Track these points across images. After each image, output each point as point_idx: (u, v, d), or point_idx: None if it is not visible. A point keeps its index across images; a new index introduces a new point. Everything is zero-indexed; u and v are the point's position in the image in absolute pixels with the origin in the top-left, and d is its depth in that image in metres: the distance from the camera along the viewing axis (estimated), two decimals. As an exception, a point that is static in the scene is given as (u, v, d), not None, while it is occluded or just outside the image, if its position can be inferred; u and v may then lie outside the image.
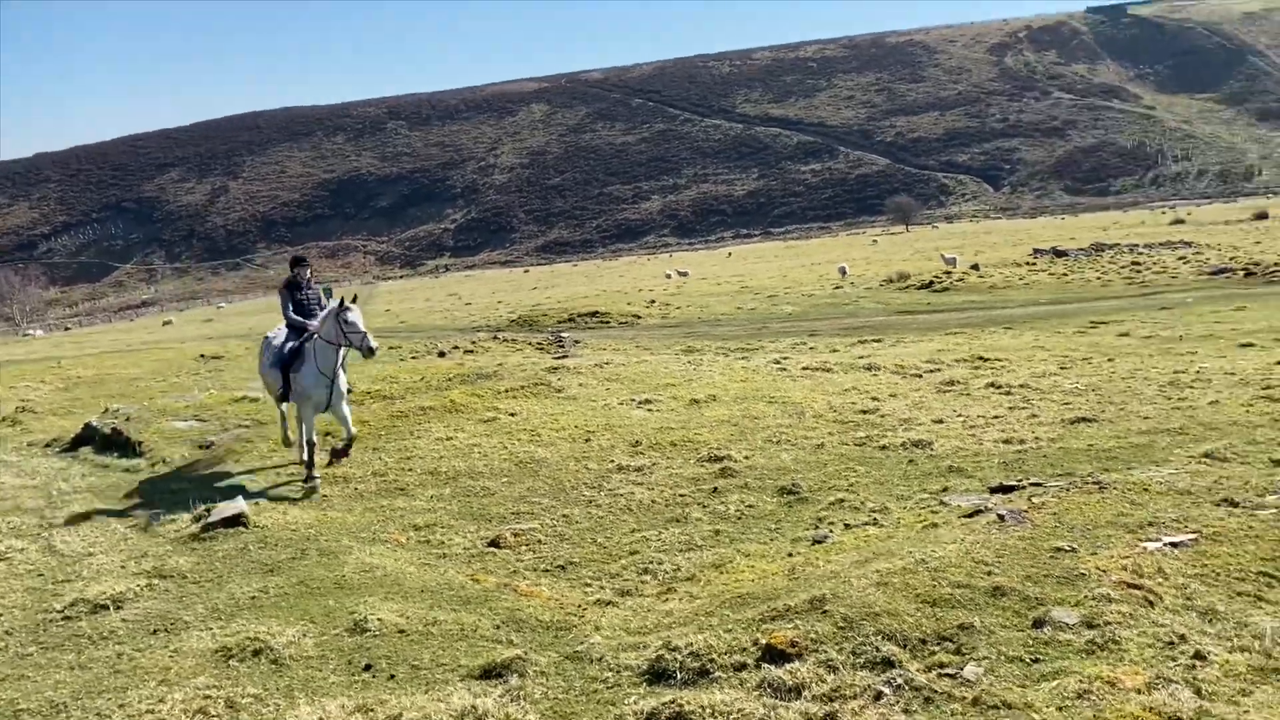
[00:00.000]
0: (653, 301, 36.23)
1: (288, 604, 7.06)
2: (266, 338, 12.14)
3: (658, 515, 9.69)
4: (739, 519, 9.25)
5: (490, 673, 5.58)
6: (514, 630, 6.41)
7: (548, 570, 8.35)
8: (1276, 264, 30.09)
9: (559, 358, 19.89)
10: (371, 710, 5.17)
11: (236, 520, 8.92)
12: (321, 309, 11.60)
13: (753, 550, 8.22)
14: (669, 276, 65.06)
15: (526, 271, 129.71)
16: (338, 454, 11.68)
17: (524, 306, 43.58)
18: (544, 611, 6.77)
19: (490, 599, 7.09)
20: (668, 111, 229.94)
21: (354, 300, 11.05)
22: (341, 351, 11.03)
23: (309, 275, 11.95)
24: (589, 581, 7.99)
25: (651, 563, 8.21)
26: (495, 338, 29.32)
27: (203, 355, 25.00)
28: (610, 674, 5.40)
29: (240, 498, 9.72)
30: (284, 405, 12.02)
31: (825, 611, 5.34)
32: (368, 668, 5.90)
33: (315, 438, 11.25)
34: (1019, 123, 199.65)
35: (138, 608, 7.11)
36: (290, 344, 11.35)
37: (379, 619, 6.58)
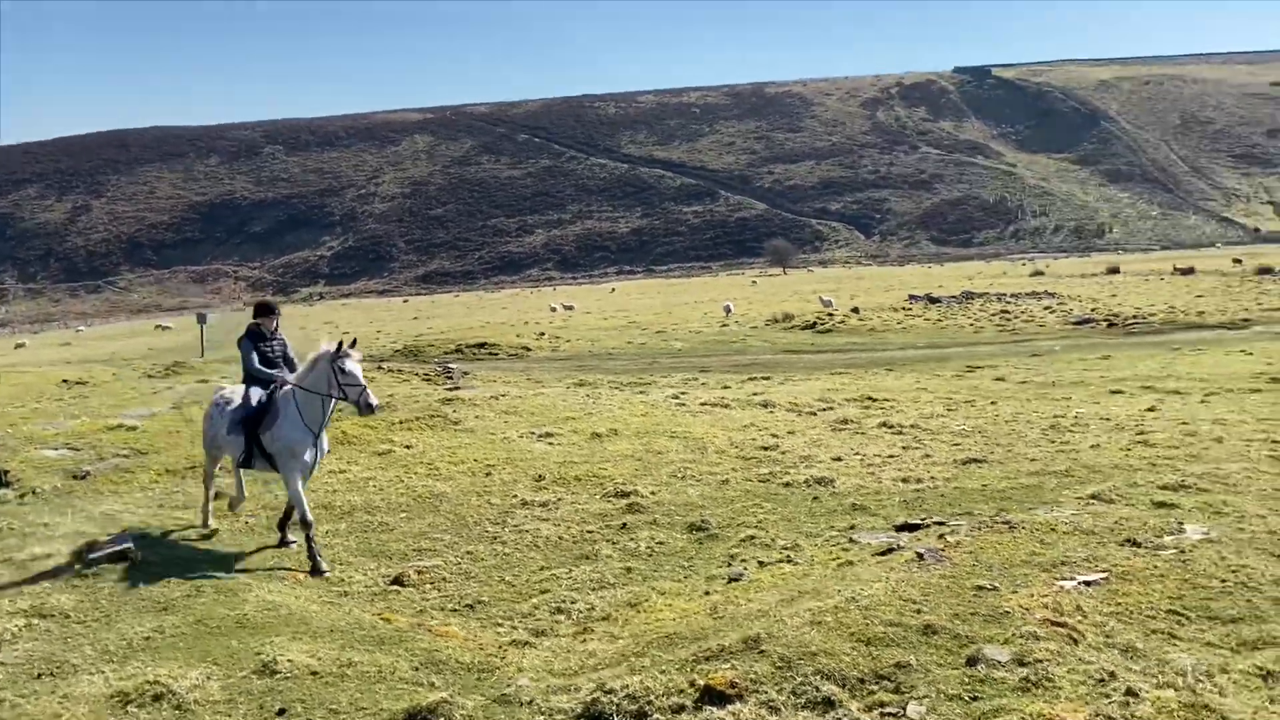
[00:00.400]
0: (542, 334, 36.07)
1: (186, 644, 6.63)
2: (217, 401, 10.05)
3: (566, 552, 9.54)
4: (650, 556, 9.18)
5: (415, 717, 5.34)
6: (434, 672, 6.16)
7: (456, 610, 8.10)
8: (1134, 317, 31.93)
9: (452, 389, 19.52)
10: (291, 759, 4.88)
11: (122, 555, 8.38)
12: (288, 363, 9.92)
13: (668, 588, 8.15)
14: (554, 310, 65.06)
15: (406, 301, 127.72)
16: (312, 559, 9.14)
17: (406, 336, 42.83)
18: (463, 653, 6.54)
19: (405, 639, 6.82)
20: (553, 148, 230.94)
21: (353, 345, 9.37)
22: (330, 405, 9.30)
23: (275, 326, 10.05)
24: (500, 621, 7.79)
25: (564, 601, 8.06)
26: (380, 368, 28.56)
27: (66, 380, 23.59)
28: (542, 717, 5.23)
29: (124, 531, 9.15)
30: (210, 496, 10.24)
31: (762, 651, 5.30)
32: (281, 712, 5.58)
33: (308, 509, 9.13)
34: (889, 174, 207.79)
35: (17, 650, 6.57)
36: (258, 396, 9.51)
37: (289, 660, 6.24)
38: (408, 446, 13.77)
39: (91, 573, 8.17)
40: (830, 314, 37.18)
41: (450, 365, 27.57)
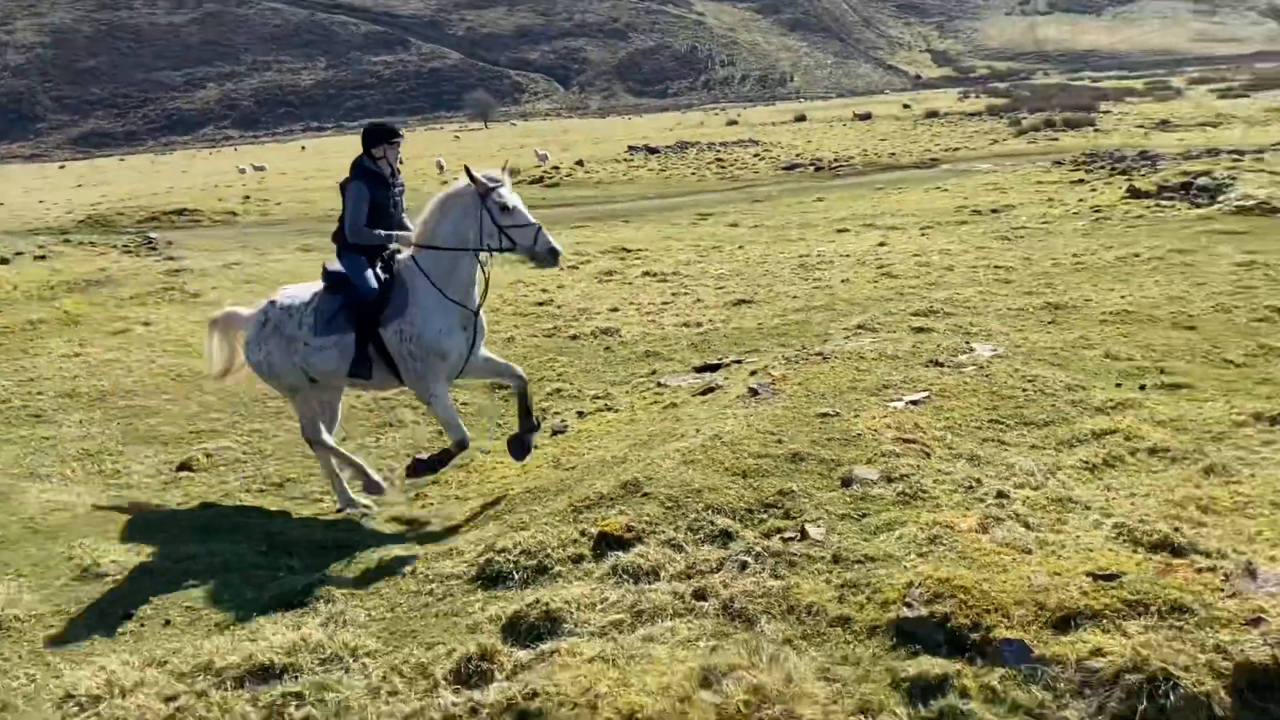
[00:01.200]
0: (247, 198, 33.41)
1: (-28, 561, 5.78)
2: (273, 303, 6.87)
3: (365, 422, 9.13)
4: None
5: (292, 603, 4.96)
6: (285, 555, 5.74)
7: (264, 490, 7.60)
8: (835, 160, 34.09)
9: (171, 260, 17.78)
10: (166, 662, 4.40)
11: None
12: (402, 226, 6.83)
13: (491, 447, 8.02)
14: (243, 171, 60.07)
15: (62, 167, 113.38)
16: (423, 465, 6.78)
17: (81, 206, 38.29)
18: (311, 532, 6.14)
19: (234, 525, 6.29)
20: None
21: (504, 170, 6.58)
22: (483, 262, 6.50)
23: (399, 159, 6.90)
24: (320, 497, 7.39)
25: (382, 470, 7.74)
26: (66, 241, 25.54)
27: None
28: (435, 585, 5.02)
29: None
30: (335, 457, 7.04)
31: (645, 494, 5.34)
32: (128, 616, 5.01)
33: (466, 430, 6.81)
34: (584, 23, 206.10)
35: None
36: (370, 273, 6.49)
37: (112, 561, 5.60)
38: (146, 324, 12.50)
39: None
40: (555, 168, 36.90)
41: (151, 235, 25.06)
